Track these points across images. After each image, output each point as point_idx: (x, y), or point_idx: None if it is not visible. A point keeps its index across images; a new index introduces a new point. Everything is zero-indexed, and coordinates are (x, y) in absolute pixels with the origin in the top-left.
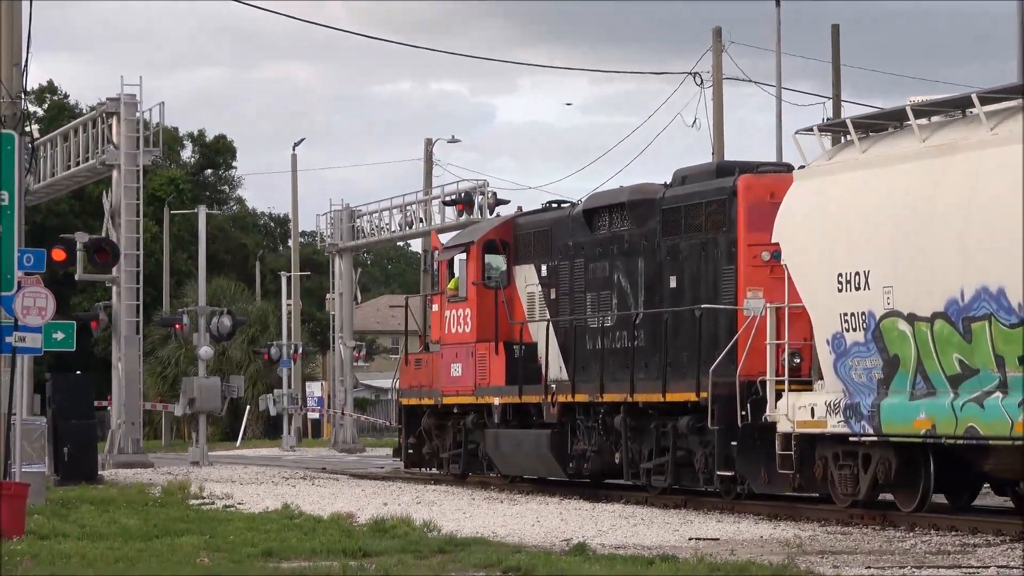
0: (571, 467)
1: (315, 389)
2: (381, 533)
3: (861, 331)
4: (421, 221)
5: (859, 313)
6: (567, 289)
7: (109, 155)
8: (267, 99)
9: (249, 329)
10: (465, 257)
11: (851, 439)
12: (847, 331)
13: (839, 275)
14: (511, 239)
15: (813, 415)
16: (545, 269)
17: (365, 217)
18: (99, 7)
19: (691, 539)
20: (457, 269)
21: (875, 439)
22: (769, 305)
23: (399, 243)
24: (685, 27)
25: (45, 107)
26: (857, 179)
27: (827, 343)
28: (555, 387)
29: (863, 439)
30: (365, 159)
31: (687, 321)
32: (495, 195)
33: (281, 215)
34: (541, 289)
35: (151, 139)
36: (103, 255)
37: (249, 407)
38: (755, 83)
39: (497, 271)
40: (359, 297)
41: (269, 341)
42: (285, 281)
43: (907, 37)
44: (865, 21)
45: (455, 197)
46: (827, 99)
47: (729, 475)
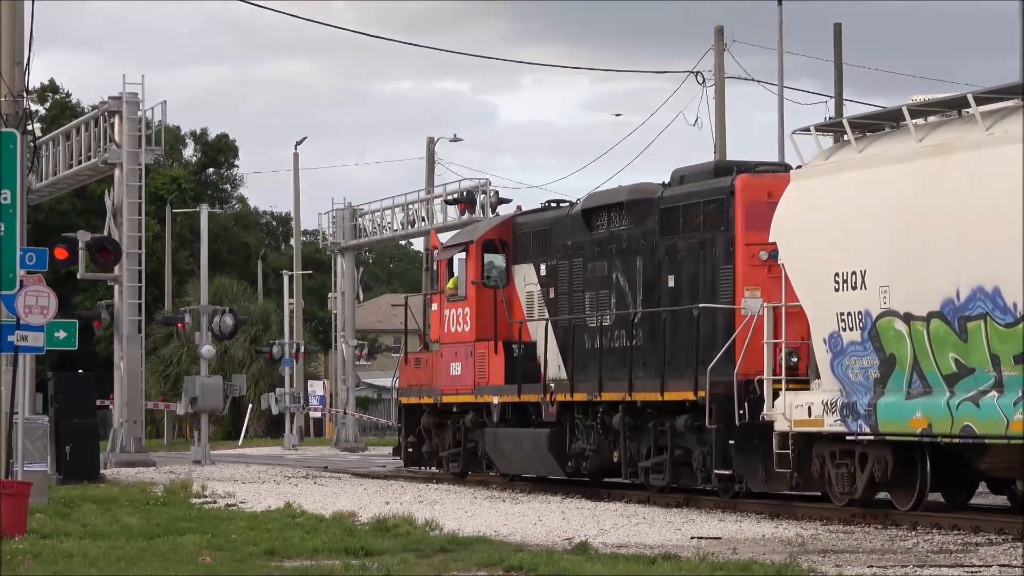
0: (570, 466)
1: (317, 388)
2: (383, 532)
3: (858, 330)
4: (423, 220)
5: (856, 312)
6: (566, 288)
7: (111, 154)
8: (269, 98)
9: (251, 328)
10: (464, 256)
11: (848, 438)
12: (844, 330)
13: (836, 275)
14: (510, 238)
15: (810, 414)
16: (544, 268)
17: (367, 216)
18: (101, 6)
19: (693, 538)
20: (456, 268)
21: (871, 438)
22: (767, 304)
23: (401, 242)
24: (687, 26)
25: (47, 106)
26: (854, 179)
27: (824, 342)
28: (554, 386)
29: (860, 438)
30: (367, 158)
31: (685, 320)
32: (497, 194)
33: (283, 214)
34: (540, 288)
35: (153, 138)
36: (105, 254)
37: (251, 406)
38: (757, 82)
39: (496, 270)
40: (361, 296)
41: (271, 340)
42: (287, 280)
43: (909, 36)
44: (868, 20)
45: (457, 196)
46: (829, 98)
47: (727, 474)
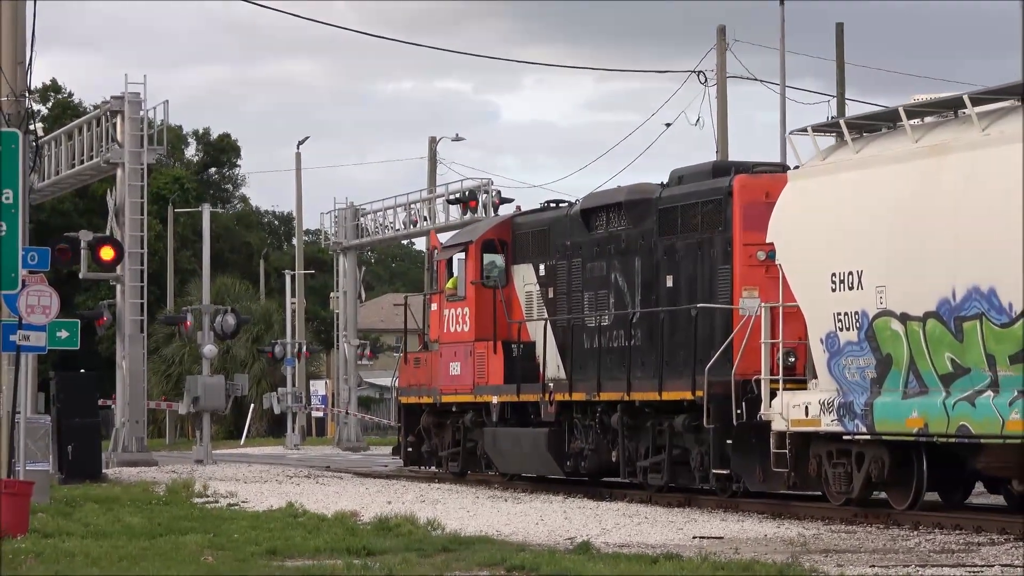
0: (568, 465)
1: (319, 387)
2: (385, 531)
3: (854, 330)
4: (425, 219)
5: (852, 313)
6: (565, 288)
7: (113, 153)
8: (270, 98)
9: (253, 327)
10: (464, 256)
11: (845, 438)
12: (841, 330)
13: (832, 275)
14: (509, 239)
15: (807, 414)
16: (543, 268)
17: (369, 215)
18: (101, 6)
19: (695, 538)
20: (456, 268)
21: (868, 438)
22: (764, 304)
23: (403, 241)
24: (688, 26)
25: (49, 105)
26: (850, 179)
27: (821, 342)
28: (553, 386)
29: (856, 438)
30: (368, 157)
31: (683, 320)
32: (499, 193)
33: (285, 213)
34: (539, 288)
35: (155, 137)
36: (107, 254)
37: (253, 405)
38: (760, 81)
39: (496, 270)
40: (363, 295)
41: (273, 339)
42: (289, 279)
43: (909, 36)
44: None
45: (459, 196)
46: (832, 97)
47: (724, 473)
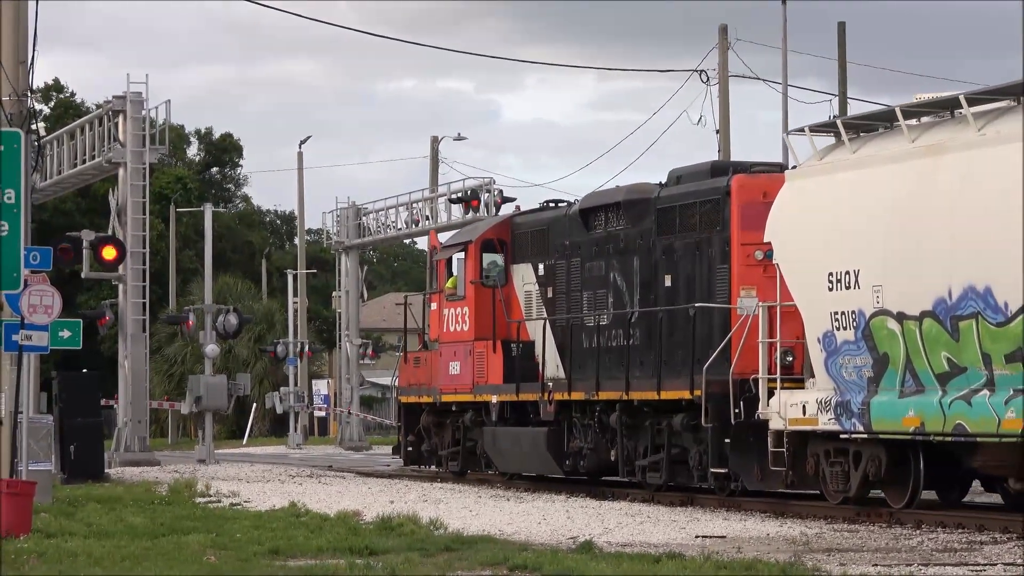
0: (568, 464)
1: (321, 387)
2: (388, 531)
3: (851, 330)
4: (427, 219)
5: (849, 312)
6: (564, 288)
7: (115, 153)
8: (271, 97)
9: (255, 327)
10: (463, 256)
11: (842, 436)
12: (838, 330)
13: (830, 274)
14: (509, 238)
15: (805, 413)
16: (542, 268)
17: (371, 215)
18: (101, 6)
19: (697, 537)
20: (455, 268)
21: (865, 436)
22: (762, 304)
23: (405, 241)
24: (689, 26)
25: (51, 105)
26: (848, 179)
27: (818, 341)
28: (552, 385)
29: (854, 436)
30: (370, 157)
31: (681, 320)
32: (501, 193)
33: (287, 213)
34: (538, 288)
35: (157, 137)
36: (109, 253)
37: (255, 405)
38: (762, 80)
39: (495, 270)
40: (365, 295)
41: (275, 339)
42: (291, 279)
43: (910, 36)
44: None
45: (461, 195)
46: (834, 96)
47: (723, 472)
